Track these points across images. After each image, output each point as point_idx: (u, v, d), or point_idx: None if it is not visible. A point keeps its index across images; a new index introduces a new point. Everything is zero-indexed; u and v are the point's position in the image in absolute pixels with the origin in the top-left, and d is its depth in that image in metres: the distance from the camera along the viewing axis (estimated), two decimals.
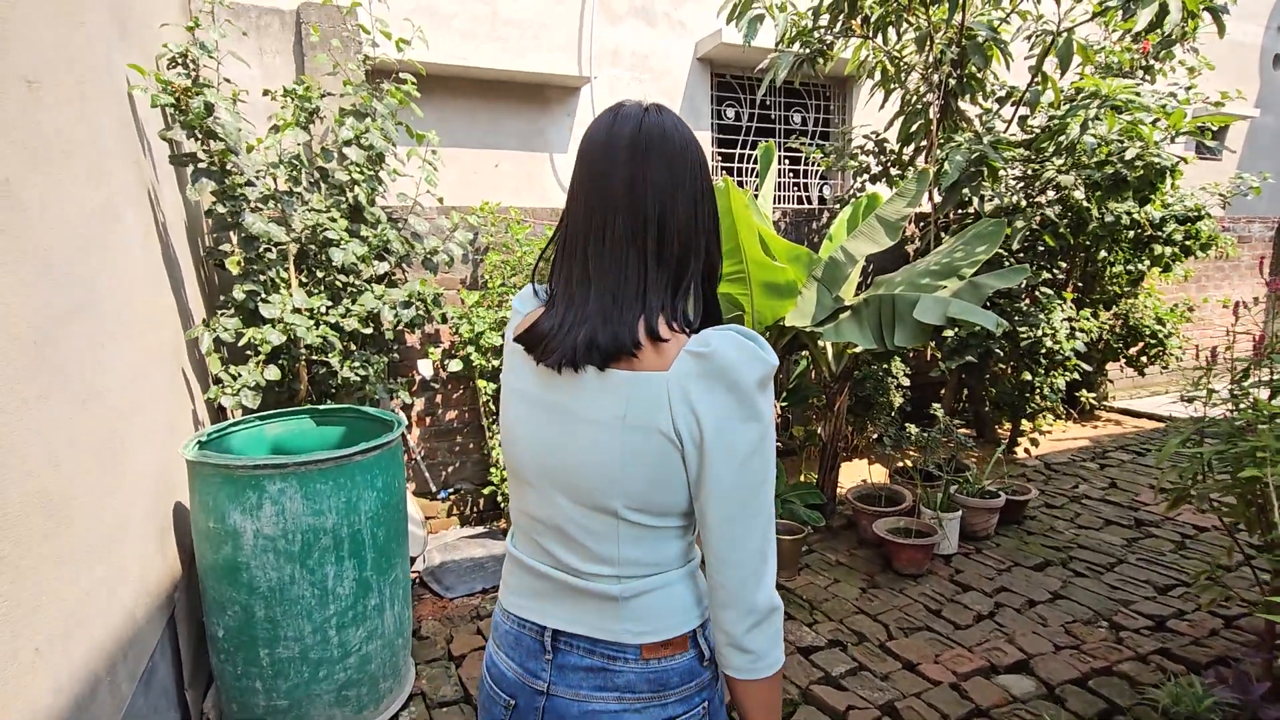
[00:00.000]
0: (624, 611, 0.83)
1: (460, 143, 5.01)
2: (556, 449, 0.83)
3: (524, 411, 0.87)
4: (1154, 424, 5.69)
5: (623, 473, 0.79)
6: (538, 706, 0.86)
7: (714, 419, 0.76)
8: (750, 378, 0.76)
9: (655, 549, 0.83)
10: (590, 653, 0.84)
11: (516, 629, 0.90)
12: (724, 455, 0.76)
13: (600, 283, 0.81)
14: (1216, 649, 2.49)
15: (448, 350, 3.71)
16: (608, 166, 0.81)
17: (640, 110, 0.83)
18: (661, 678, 0.83)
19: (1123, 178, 3.76)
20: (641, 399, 0.77)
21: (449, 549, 3.50)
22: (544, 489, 0.85)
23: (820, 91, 6.58)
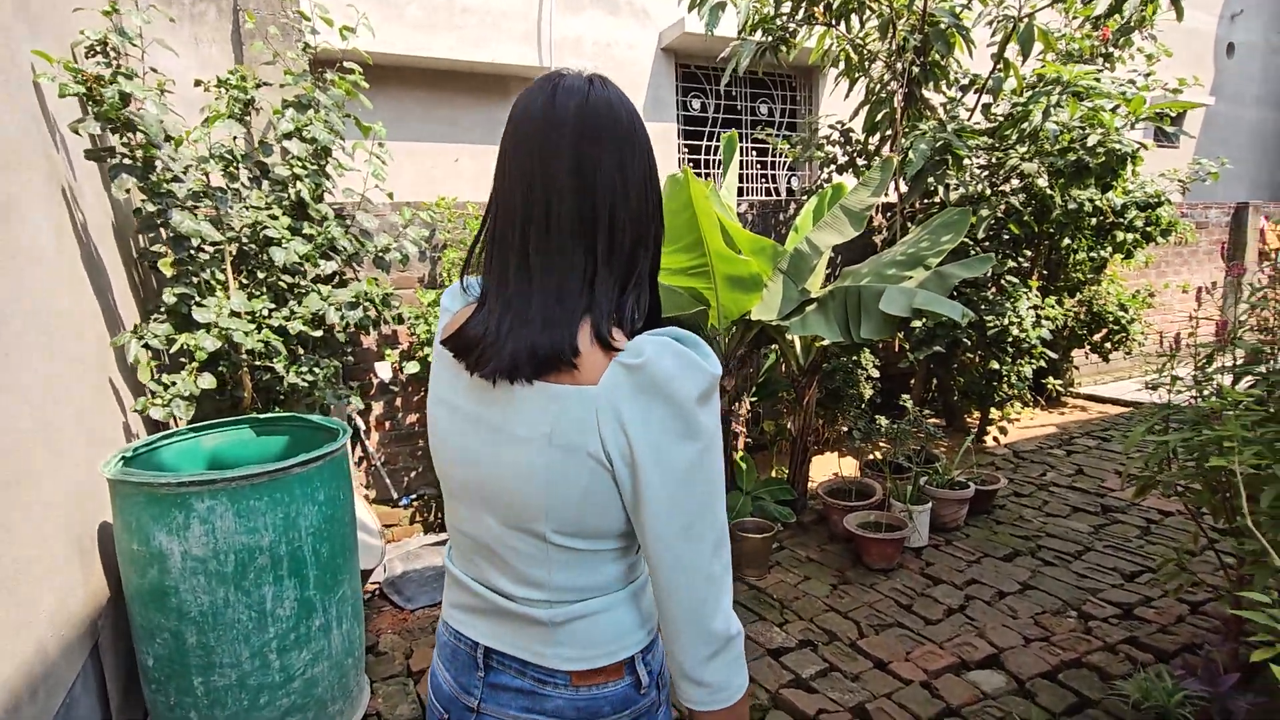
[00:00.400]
0: (555, 637, 0.77)
1: (418, 137, 4.86)
2: (482, 466, 0.76)
3: (450, 424, 0.80)
4: (1119, 409, 5.77)
5: (549, 496, 0.71)
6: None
7: (648, 438, 0.68)
8: (689, 391, 0.68)
9: (590, 573, 0.77)
10: (521, 674, 0.79)
11: (454, 642, 0.86)
12: (661, 478, 0.68)
13: (543, 281, 0.71)
14: (1184, 636, 2.49)
15: (406, 351, 3.58)
16: (549, 146, 0.71)
17: (584, 82, 0.73)
18: (592, 706, 0.78)
19: (1085, 165, 3.76)
20: (569, 417, 0.69)
21: (411, 558, 3.38)
22: (473, 506, 0.79)
23: (786, 82, 6.53)
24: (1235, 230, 7.72)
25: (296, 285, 2.74)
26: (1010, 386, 4.57)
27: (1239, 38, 10.41)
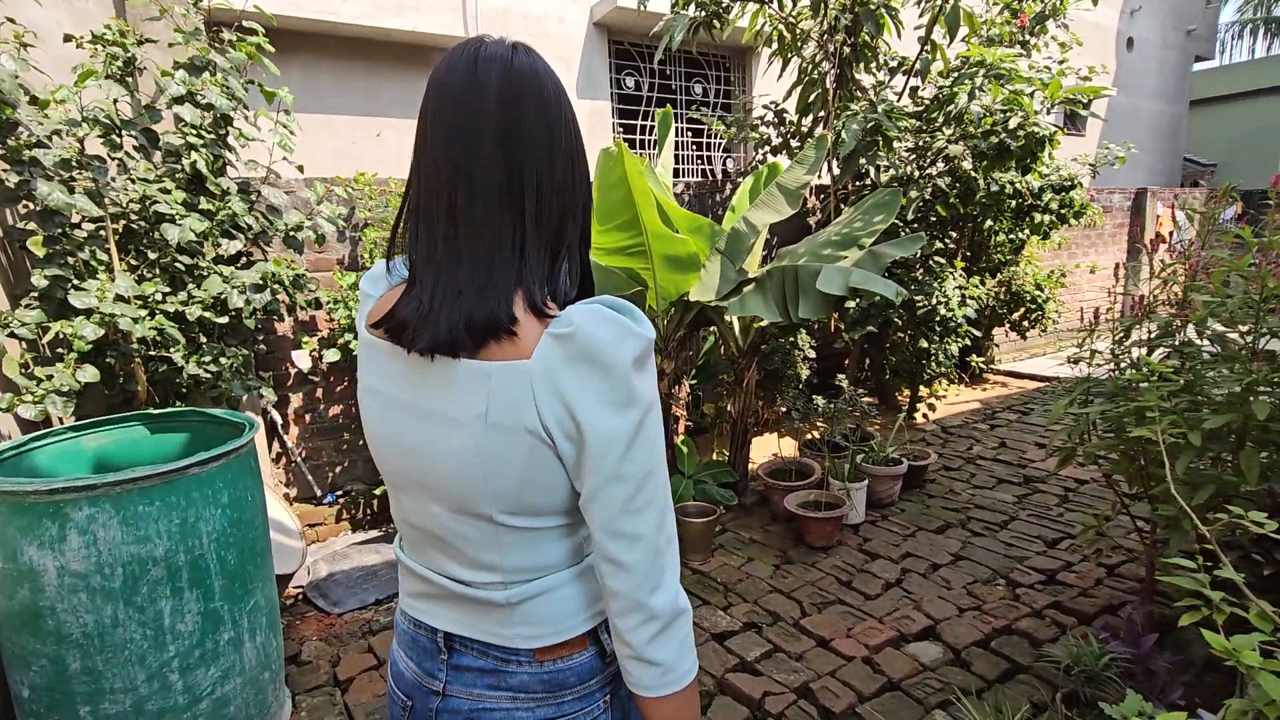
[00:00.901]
0: (513, 617, 0.76)
1: (334, 109, 4.55)
2: (420, 453, 0.73)
3: (383, 413, 0.77)
4: (1035, 384, 6.07)
5: (490, 477, 0.69)
6: (432, 707, 0.80)
7: (587, 408, 0.66)
8: (623, 357, 0.66)
9: (539, 552, 0.76)
10: (484, 654, 0.78)
11: (413, 630, 0.84)
12: (601, 446, 0.67)
13: (471, 250, 0.69)
14: (1103, 598, 2.61)
15: (326, 339, 3.34)
16: (472, 113, 0.68)
17: (507, 49, 0.70)
18: (557, 678, 0.78)
19: (1006, 147, 3.87)
20: (503, 393, 0.67)
21: (337, 558, 3.19)
22: (416, 496, 0.77)
23: (720, 62, 6.48)
24: (1136, 214, 8.24)
25: (195, 267, 2.49)
26: (938, 364, 4.71)
27: (1138, 33, 11.07)
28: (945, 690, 2.12)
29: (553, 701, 0.78)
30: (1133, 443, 2.17)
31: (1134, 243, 8.29)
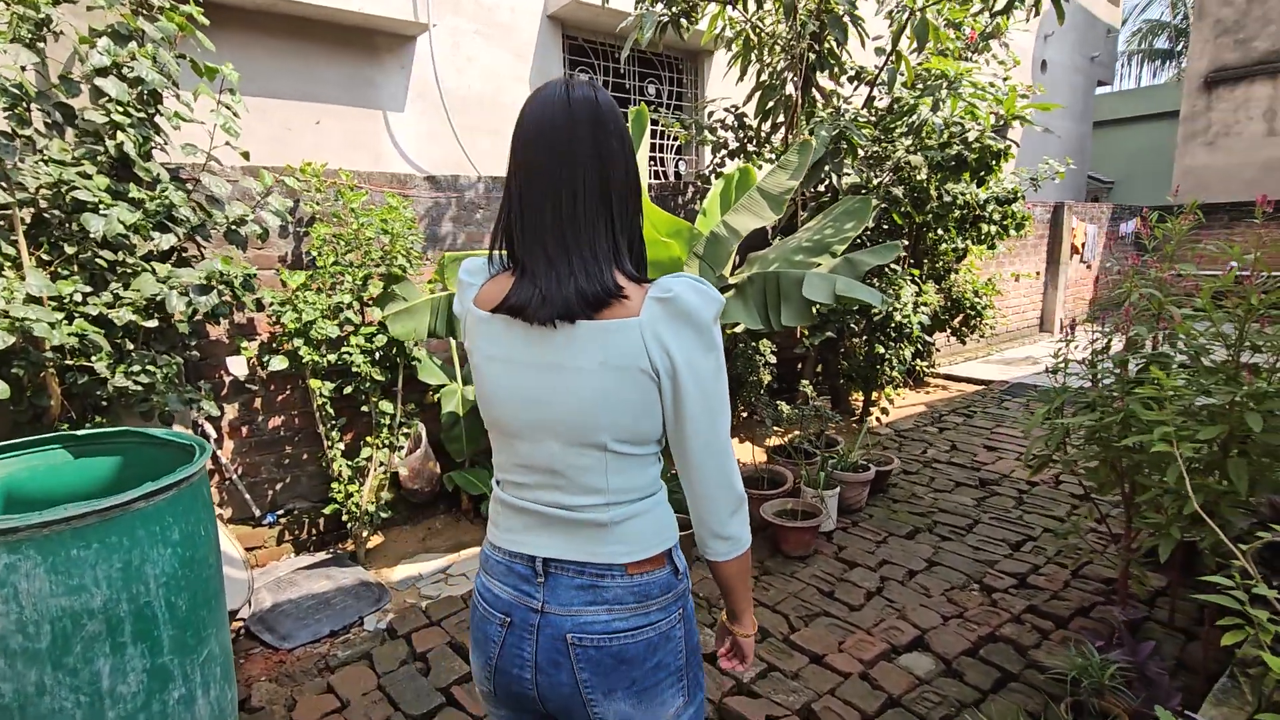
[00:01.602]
0: (611, 535, 0.93)
1: (270, 92, 4.18)
2: (545, 401, 0.91)
3: (508, 373, 0.93)
4: (973, 387, 6.32)
5: (610, 409, 0.89)
6: (533, 622, 0.94)
7: (683, 352, 0.88)
8: (707, 315, 0.89)
9: (637, 475, 0.94)
10: (580, 574, 0.94)
11: (507, 561, 0.99)
12: (694, 381, 0.89)
13: (579, 242, 0.88)
14: (1074, 600, 2.69)
15: (267, 344, 3.04)
16: (571, 134, 0.88)
17: (590, 88, 0.91)
18: (644, 590, 0.95)
19: (964, 159, 3.97)
20: (619, 343, 0.87)
21: (283, 585, 2.90)
22: (534, 438, 0.93)
23: (673, 63, 6.42)
24: (1054, 226, 8.77)
25: (121, 264, 2.18)
26: (892, 369, 4.82)
27: (1050, 56, 11.83)
28: (945, 704, 2.10)
29: (641, 611, 0.94)
30: (1115, 452, 2.23)
31: (1053, 253, 8.82)
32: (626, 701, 0.94)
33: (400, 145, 4.77)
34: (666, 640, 0.96)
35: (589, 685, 0.93)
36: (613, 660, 0.93)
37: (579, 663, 0.93)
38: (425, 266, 3.53)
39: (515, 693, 0.98)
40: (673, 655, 0.98)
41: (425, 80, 4.81)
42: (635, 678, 0.94)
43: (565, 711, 0.97)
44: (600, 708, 0.94)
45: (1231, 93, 10.57)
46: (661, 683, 0.96)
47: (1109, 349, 2.29)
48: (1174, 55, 23.41)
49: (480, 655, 1.01)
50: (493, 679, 0.99)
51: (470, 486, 3.44)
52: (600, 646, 0.93)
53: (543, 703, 0.97)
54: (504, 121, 5.24)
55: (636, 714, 0.95)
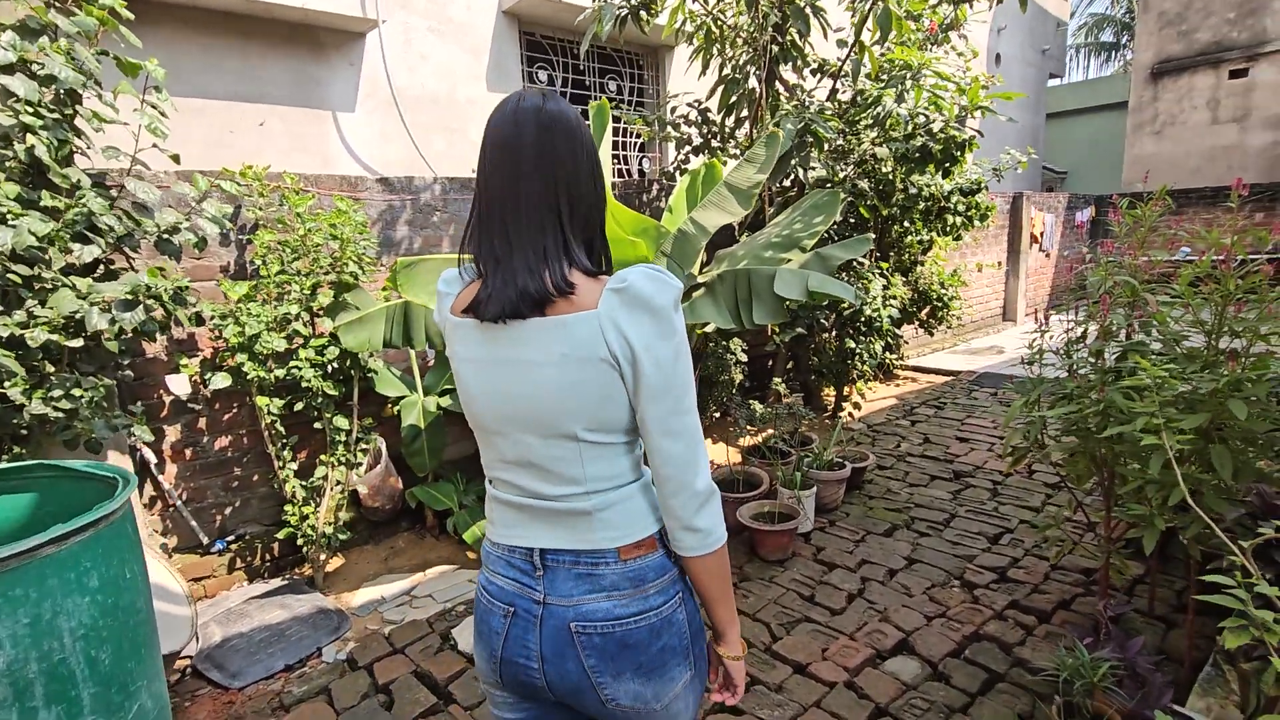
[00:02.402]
0: (596, 522, 0.96)
1: (207, 92, 3.96)
2: (516, 397, 0.94)
3: (480, 373, 0.97)
4: (942, 378, 6.35)
5: (575, 400, 0.92)
6: (536, 613, 0.97)
7: (641, 339, 0.89)
8: (664, 300, 0.90)
9: (613, 463, 0.97)
10: (576, 563, 0.97)
11: (506, 555, 1.02)
12: (654, 367, 0.90)
13: (521, 240, 0.91)
14: (1054, 593, 2.66)
15: (209, 360, 2.84)
16: (518, 142, 0.91)
17: (540, 96, 0.95)
18: (639, 574, 0.97)
19: (929, 150, 3.95)
20: (579, 336, 0.89)
21: (233, 618, 2.71)
22: (511, 434, 0.97)
23: (634, 59, 6.32)
24: (1014, 216, 8.91)
25: (36, 278, 1.99)
26: (863, 363, 4.79)
27: (1004, 50, 12.04)
28: (933, 710, 2.04)
29: (640, 596, 0.97)
30: (1094, 443, 2.19)
31: (1013, 243, 8.96)
32: (636, 681, 0.97)
33: (351, 147, 4.57)
34: (669, 624, 0.99)
35: (597, 670, 0.96)
36: (617, 646, 0.96)
37: (585, 651, 0.96)
38: (379, 273, 3.36)
39: (523, 681, 1.01)
40: (677, 638, 1.00)
41: (376, 79, 4.62)
42: (642, 661, 0.97)
43: (575, 696, 0.99)
44: (610, 690, 0.97)
45: (1176, 83, 10.89)
46: (668, 662, 0.99)
47: (1085, 337, 2.25)
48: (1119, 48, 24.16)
49: (485, 647, 1.03)
50: (499, 669, 1.02)
51: (434, 502, 3.29)
52: (604, 634, 0.96)
53: (551, 690, 1.00)
54: (460, 120, 5.07)
55: (647, 690, 0.98)
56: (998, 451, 4.28)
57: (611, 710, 0.98)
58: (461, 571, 3.14)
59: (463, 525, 3.19)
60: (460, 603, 2.81)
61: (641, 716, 0.99)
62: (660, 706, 0.99)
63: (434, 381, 3.46)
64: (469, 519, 3.23)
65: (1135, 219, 2.36)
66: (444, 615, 2.72)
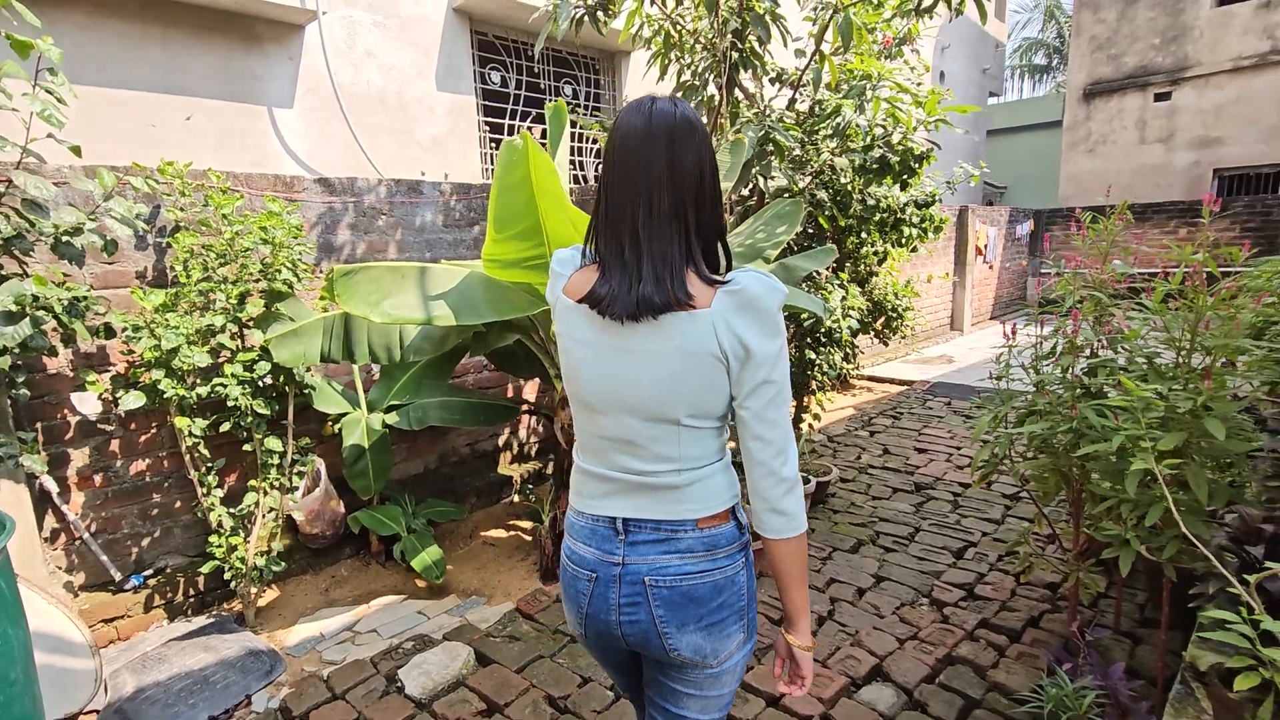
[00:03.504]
0: (683, 495, 1.07)
1: (125, 82, 3.64)
2: (627, 382, 1.04)
3: (591, 355, 1.07)
4: (897, 387, 6.41)
5: (682, 388, 1.02)
6: (615, 575, 1.09)
7: (753, 339, 0.99)
8: (771, 304, 1.00)
9: (703, 445, 1.08)
10: (656, 530, 1.08)
11: (591, 524, 1.13)
12: (761, 364, 1.00)
13: (651, 250, 1.00)
14: (1022, 610, 2.63)
15: (122, 375, 2.56)
16: (649, 152, 1.00)
17: (671, 104, 1.02)
18: (713, 541, 1.08)
19: (888, 162, 3.94)
20: (692, 332, 1.00)
21: (149, 664, 2.43)
22: (615, 414, 1.07)
23: (590, 63, 6.20)
24: (960, 229, 9.14)
25: None
26: (823, 374, 4.76)
27: (948, 68, 12.44)
28: None
29: (709, 558, 1.07)
30: (1065, 460, 2.16)
31: (960, 255, 9.19)
32: (698, 634, 1.08)
33: (290, 145, 4.29)
34: (731, 584, 1.09)
35: (664, 620, 1.07)
36: (682, 598, 1.07)
37: (655, 601, 1.07)
38: (317, 281, 3.13)
39: (603, 633, 1.13)
40: (736, 597, 1.10)
41: (318, 75, 4.36)
42: (703, 615, 1.08)
43: (643, 644, 1.11)
44: (674, 640, 1.08)
45: (1107, 104, 11.43)
46: (726, 619, 1.09)
47: (1055, 353, 2.22)
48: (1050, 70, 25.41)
49: (573, 606, 1.16)
50: (584, 624, 1.15)
51: (380, 527, 3.06)
52: (673, 587, 1.07)
53: (624, 639, 1.11)
54: (409, 121, 4.84)
55: (706, 644, 1.08)
56: (956, 462, 4.30)
57: (673, 660, 1.10)
58: (410, 602, 2.92)
59: (411, 552, 2.97)
60: (409, 638, 2.60)
61: (695, 672, 1.11)
62: (715, 664, 1.10)
63: (379, 397, 3.23)
64: (418, 545, 3.01)
65: (1098, 233, 2.36)
66: (390, 653, 2.50)
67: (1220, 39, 10.21)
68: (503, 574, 3.16)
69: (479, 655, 2.47)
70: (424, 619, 2.79)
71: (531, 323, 2.82)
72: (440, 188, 3.61)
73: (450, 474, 3.78)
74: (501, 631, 2.62)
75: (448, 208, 3.64)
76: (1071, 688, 1.70)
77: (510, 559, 3.30)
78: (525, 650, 2.48)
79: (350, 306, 2.19)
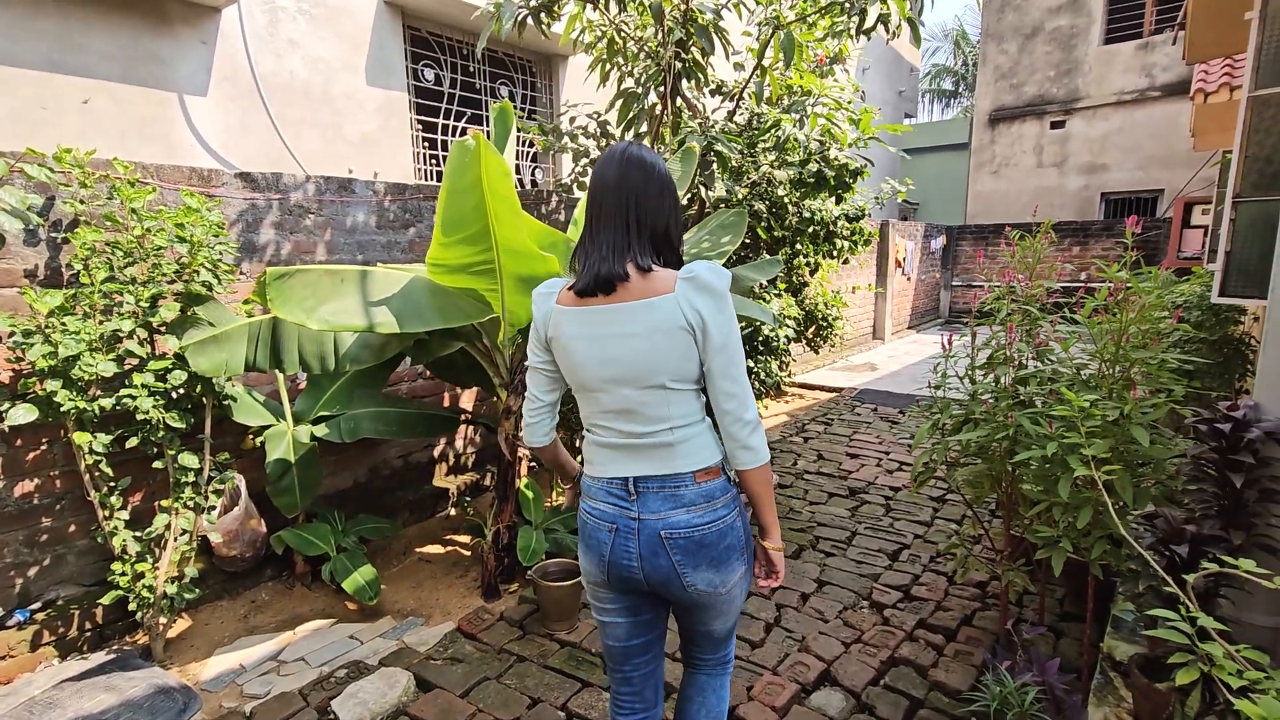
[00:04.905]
0: (678, 452, 1.32)
1: (10, 59, 3.28)
2: (617, 360, 1.30)
3: (585, 346, 1.32)
4: (827, 394, 6.62)
5: (664, 358, 1.28)
6: (633, 527, 1.34)
7: (709, 313, 1.27)
8: (721, 286, 1.29)
9: (688, 404, 1.33)
10: (661, 487, 1.33)
11: (606, 485, 1.38)
12: (717, 332, 1.27)
13: (610, 238, 1.32)
14: (955, 609, 2.74)
15: (5, 386, 2.28)
16: (606, 172, 1.34)
17: (639, 148, 1.37)
18: (709, 492, 1.34)
19: (824, 176, 4.07)
20: (664, 312, 1.27)
21: (37, 710, 2.17)
22: (612, 389, 1.32)
23: (527, 66, 6.10)
24: (882, 242, 9.57)
25: None
26: (760, 382, 4.85)
27: (868, 88, 13.03)
28: None
29: (710, 509, 1.33)
30: (999, 465, 2.27)
31: (881, 267, 9.63)
32: (709, 570, 1.33)
33: (203, 136, 3.99)
34: (732, 529, 1.35)
35: (682, 564, 1.32)
36: (695, 545, 1.32)
37: (672, 550, 1.32)
38: (239, 283, 2.90)
39: (624, 577, 1.38)
40: (736, 538, 1.36)
41: (235, 62, 4.07)
42: (713, 556, 1.33)
43: (664, 585, 1.35)
44: (691, 578, 1.33)
45: (1010, 129, 12.29)
46: (731, 557, 1.35)
47: (992, 363, 2.33)
48: (957, 95, 27.11)
49: (593, 554, 1.41)
50: (605, 570, 1.39)
51: (306, 546, 2.87)
52: (686, 537, 1.31)
53: (646, 581, 1.36)
54: (337, 116, 4.60)
55: (716, 577, 1.34)
56: (886, 467, 4.47)
57: (690, 594, 1.35)
58: (340, 626, 2.74)
59: (342, 572, 2.79)
60: (342, 665, 2.43)
61: (711, 598, 1.37)
62: (725, 590, 1.37)
63: (306, 407, 3.03)
64: (349, 564, 2.83)
65: (1025, 250, 2.50)
66: (320, 683, 2.33)
67: (1106, 74, 11.20)
68: (441, 592, 3.02)
69: (419, 680, 2.34)
70: (357, 644, 2.63)
71: (476, 330, 2.72)
72: (374, 187, 3.43)
73: (382, 488, 3.59)
74: (443, 654, 2.50)
75: (381, 208, 3.48)
76: (1014, 685, 1.77)
77: (448, 576, 3.16)
78: (469, 672, 2.37)
79: (284, 312, 2.04)
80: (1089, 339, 2.14)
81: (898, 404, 6.08)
